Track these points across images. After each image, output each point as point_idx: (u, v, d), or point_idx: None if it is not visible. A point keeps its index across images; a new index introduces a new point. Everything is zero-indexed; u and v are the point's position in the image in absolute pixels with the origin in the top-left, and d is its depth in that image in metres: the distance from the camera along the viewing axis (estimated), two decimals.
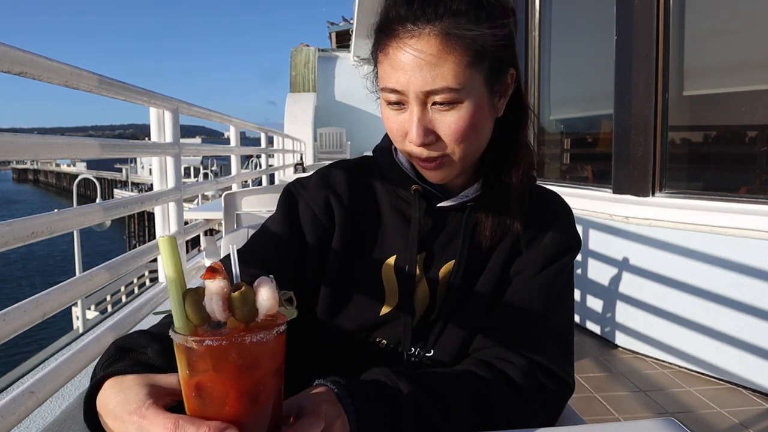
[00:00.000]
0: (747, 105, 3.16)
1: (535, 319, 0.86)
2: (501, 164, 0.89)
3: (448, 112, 0.77)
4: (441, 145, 0.79)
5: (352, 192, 0.91)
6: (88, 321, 6.98)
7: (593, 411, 2.59)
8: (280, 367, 0.54)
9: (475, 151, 0.83)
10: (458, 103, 0.77)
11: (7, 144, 0.93)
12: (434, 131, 0.78)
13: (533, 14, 4.50)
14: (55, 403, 1.33)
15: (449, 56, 0.75)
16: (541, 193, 0.97)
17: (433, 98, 0.76)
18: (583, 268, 3.63)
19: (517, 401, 0.78)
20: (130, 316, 1.51)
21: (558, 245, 0.91)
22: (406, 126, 0.79)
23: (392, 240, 0.89)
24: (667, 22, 3.18)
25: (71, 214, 1.16)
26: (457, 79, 0.75)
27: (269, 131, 5.21)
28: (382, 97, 0.82)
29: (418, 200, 0.88)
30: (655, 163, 3.22)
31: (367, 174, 0.94)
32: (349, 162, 0.97)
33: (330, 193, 0.90)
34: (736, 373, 2.79)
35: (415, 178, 0.89)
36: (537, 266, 0.89)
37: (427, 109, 0.78)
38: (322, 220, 0.88)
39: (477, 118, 0.79)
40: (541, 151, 4.66)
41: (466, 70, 0.76)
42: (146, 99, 1.77)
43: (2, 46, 0.92)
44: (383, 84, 0.80)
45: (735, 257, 2.75)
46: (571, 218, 0.96)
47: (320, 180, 0.92)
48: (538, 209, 0.93)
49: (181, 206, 2.08)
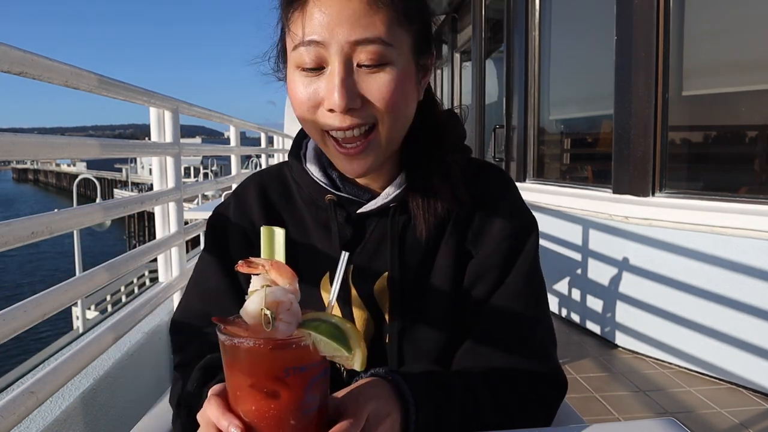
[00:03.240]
0: (747, 105, 3.16)
1: (512, 328, 0.78)
2: (422, 152, 0.79)
3: (376, 73, 0.68)
4: (367, 112, 0.68)
5: (269, 216, 0.82)
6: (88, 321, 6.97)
7: (593, 411, 2.59)
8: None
9: (401, 128, 0.73)
10: (387, 64, 0.68)
11: (7, 144, 0.93)
12: (360, 94, 0.68)
13: (533, 14, 4.51)
14: (55, 403, 1.33)
15: (380, 9, 0.67)
16: (478, 173, 0.83)
17: (359, 56, 0.67)
18: (583, 268, 3.63)
19: (516, 409, 0.74)
20: (130, 316, 1.51)
21: (514, 237, 0.80)
22: (322, 92, 0.68)
23: (321, 257, 0.79)
24: (667, 22, 3.18)
25: (71, 214, 1.16)
26: (389, 32, 0.67)
27: (269, 131, 5.21)
28: (294, 64, 0.70)
29: (334, 210, 0.78)
30: (655, 163, 3.22)
31: (284, 185, 0.85)
32: (263, 177, 0.87)
33: (247, 226, 0.82)
34: (736, 373, 2.79)
35: (327, 185, 0.79)
36: (497, 269, 0.79)
37: (352, 70, 0.67)
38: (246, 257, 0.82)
39: (406, 86, 0.70)
40: (541, 151, 4.66)
41: (396, 27, 0.68)
42: (146, 99, 1.77)
43: (2, 46, 0.92)
44: (296, 41, 0.68)
45: (735, 257, 2.75)
46: (517, 196, 0.84)
47: (237, 208, 0.84)
48: (479, 192, 0.81)
49: (181, 206, 2.08)
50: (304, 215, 0.82)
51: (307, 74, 0.69)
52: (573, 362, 3.15)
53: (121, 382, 1.62)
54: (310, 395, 0.52)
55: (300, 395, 0.52)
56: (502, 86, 5.13)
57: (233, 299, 0.80)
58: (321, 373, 0.53)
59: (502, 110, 5.03)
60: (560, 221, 3.79)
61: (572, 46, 4.48)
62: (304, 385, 0.52)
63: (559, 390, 0.80)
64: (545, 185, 4.32)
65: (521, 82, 4.62)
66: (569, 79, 4.51)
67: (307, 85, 0.69)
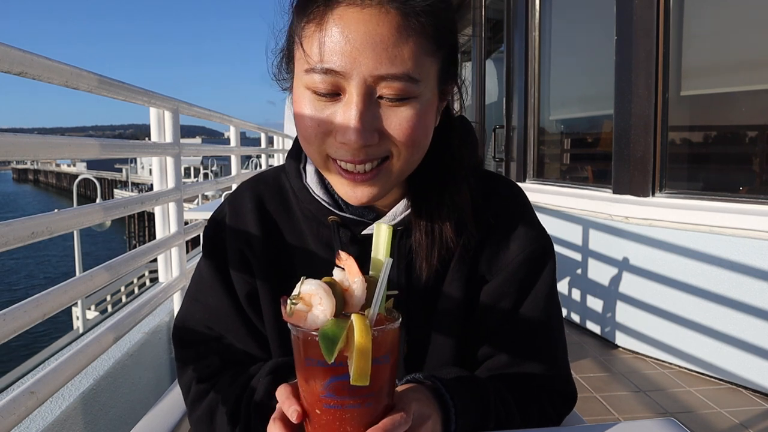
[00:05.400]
0: (747, 105, 3.16)
1: (530, 350, 0.78)
2: (432, 173, 0.72)
3: (398, 107, 0.61)
4: (383, 146, 0.62)
5: (267, 229, 0.77)
6: (88, 321, 6.98)
7: (593, 411, 2.59)
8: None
9: (416, 161, 0.67)
10: (412, 98, 0.61)
11: (7, 144, 0.93)
12: (378, 128, 0.61)
13: (533, 14, 4.50)
14: (55, 403, 1.33)
15: (410, 37, 0.59)
16: (489, 192, 0.78)
17: (382, 90, 0.60)
18: (583, 268, 3.63)
19: (536, 422, 0.76)
20: (130, 316, 1.51)
21: (532, 261, 0.76)
22: (337, 121, 0.61)
23: (324, 275, 0.80)
24: (667, 22, 3.18)
25: (71, 214, 1.16)
26: (417, 66, 0.60)
27: (269, 131, 5.20)
28: (303, 84, 0.62)
29: (337, 232, 0.73)
30: (655, 163, 3.22)
31: (281, 196, 0.79)
32: (259, 186, 0.81)
33: (242, 242, 0.77)
34: (736, 373, 2.79)
35: (330, 204, 0.74)
36: (514, 295, 0.76)
37: (372, 102, 0.61)
38: (244, 276, 0.77)
39: (428, 120, 0.64)
40: (541, 151, 4.66)
41: (424, 58, 0.61)
42: (146, 99, 1.77)
43: (2, 46, 0.92)
44: (312, 64, 0.60)
45: (735, 257, 2.75)
46: (531, 215, 0.80)
47: (232, 219, 0.79)
48: (491, 213, 0.77)
49: (181, 206, 2.07)
50: (304, 230, 0.77)
51: (320, 99, 0.62)
52: (573, 362, 3.15)
53: (121, 382, 1.62)
54: (329, 392, 0.53)
55: (319, 389, 0.54)
56: (502, 86, 5.13)
57: (234, 316, 0.79)
58: (341, 376, 0.52)
59: (502, 110, 5.03)
60: (560, 221, 3.79)
61: (572, 46, 4.48)
62: (323, 381, 0.53)
63: (571, 405, 0.83)
64: (545, 185, 4.32)
65: (521, 82, 4.62)
66: (569, 79, 4.51)
67: (318, 110, 0.62)
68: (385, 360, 0.54)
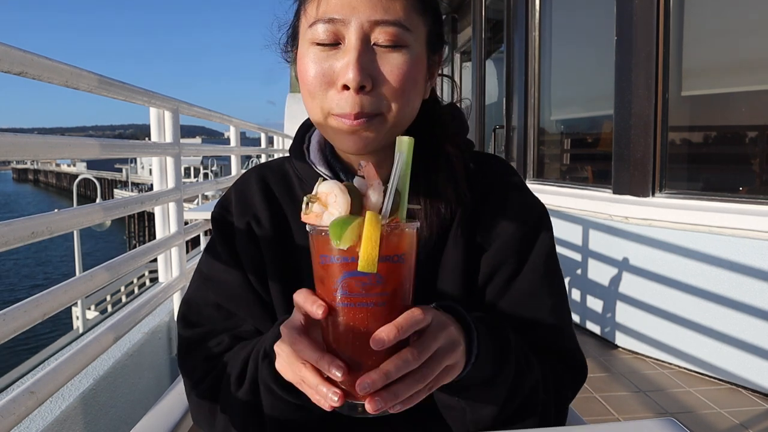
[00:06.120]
0: (747, 105, 3.16)
1: (534, 312, 0.79)
2: (425, 147, 0.76)
3: (392, 53, 0.69)
4: (376, 97, 0.69)
5: (272, 209, 0.82)
6: (88, 321, 6.98)
7: (593, 411, 2.59)
8: None
9: (406, 117, 0.73)
10: (404, 47, 0.69)
11: (7, 144, 0.93)
12: (373, 74, 0.68)
13: (533, 14, 4.51)
14: (55, 403, 1.33)
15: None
16: (481, 166, 0.83)
17: (377, 36, 0.68)
18: (583, 268, 3.64)
19: (551, 382, 0.76)
20: (130, 316, 1.51)
21: (527, 226, 0.80)
22: (337, 69, 0.68)
23: None
24: (667, 22, 3.18)
25: (71, 214, 1.16)
26: (408, 17, 0.69)
27: (269, 131, 5.20)
28: (308, 39, 0.70)
29: None
30: (655, 164, 3.22)
31: (285, 180, 0.85)
32: (264, 170, 0.87)
33: (251, 220, 0.82)
34: (736, 373, 2.79)
35: (331, 178, 0.80)
36: (514, 258, 0.79)
37: (369, 48, 0.68)
38: (253, 250, 0.81)
39: (417, 73, 0.71)
40: (541, 152, 4.66)
41: (414, 14, 0.70)
42: (146, 99, 1.77)
43: (2, 46, 0.92)
44: (315, 17, 0.69)
45: (735, 257, 2.75)
46: (522, 183, 0.85)
47: (238, 203, 0.84)
48: (485, 185, 0.81)
49: (181, 206, 2.08)
50: None
51: (322, 49, 0.69)
52: None
53: (121, 382, 1.62)
54: (342, 290, 0.54)
55: (333, 286, 0.55)
56: (502, 86, 5.13)
57: (247, 291, 0.80)
58: (354, 272, 0.53)
59: (502, 110, 5.04)
60: (560, 221, 3.79)
61: (572, 46, 4.49)
62: (337, 278, 0.54)
63: (582, 377, 0.81)
64: (545, 185, 4.32)
65: (521, 82, 4.62)
66: (569, 79, 4.51)
67: (320, 61, 0.69)
68: (399, 260, 0.55)
